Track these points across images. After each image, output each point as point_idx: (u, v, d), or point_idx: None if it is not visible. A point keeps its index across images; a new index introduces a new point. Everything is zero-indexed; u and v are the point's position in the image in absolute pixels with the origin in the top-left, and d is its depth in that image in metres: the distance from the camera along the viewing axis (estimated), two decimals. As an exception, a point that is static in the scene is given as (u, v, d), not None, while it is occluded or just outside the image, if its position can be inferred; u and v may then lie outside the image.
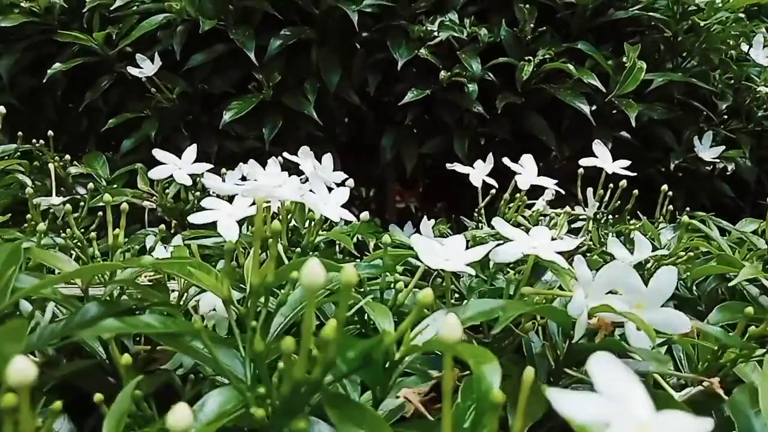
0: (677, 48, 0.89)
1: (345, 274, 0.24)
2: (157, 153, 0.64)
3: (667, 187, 0.95)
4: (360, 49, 0.86)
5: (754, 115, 0.92)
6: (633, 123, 0.77)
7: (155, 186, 0.74)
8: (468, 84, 0.78)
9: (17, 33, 1.01)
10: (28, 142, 0.84)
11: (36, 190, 0.85)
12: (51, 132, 0.85)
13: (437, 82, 0.80)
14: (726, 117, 0.96)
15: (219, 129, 0.88)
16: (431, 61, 0.80)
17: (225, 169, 0.68)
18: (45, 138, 0.84)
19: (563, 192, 0.72)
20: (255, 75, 0.82)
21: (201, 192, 0.73)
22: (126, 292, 0.42)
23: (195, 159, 0.66)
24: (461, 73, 0.79)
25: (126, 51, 0.92)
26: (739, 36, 0.89)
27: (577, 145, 0.84)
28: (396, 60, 0.80)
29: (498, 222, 0.42)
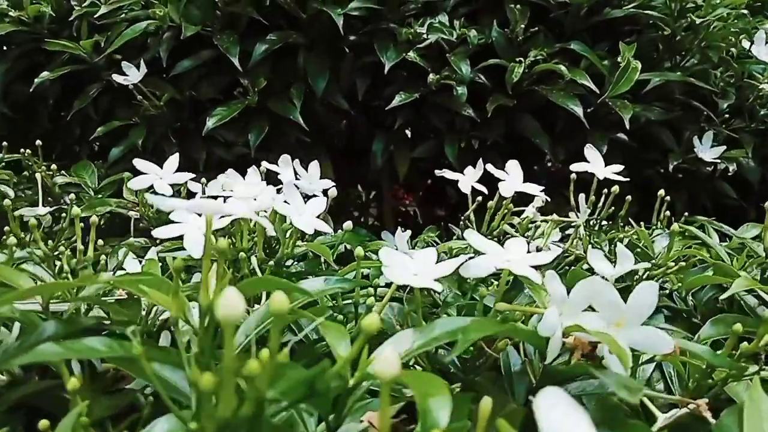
0: (676, 46, 0.86)
1: (274, 303, 0.22)
2: (138, 163, 0.63)
3: (667, 190, 0.93)
4: (349, 53, 0.84)
5: (756, 114, 0.89)
6: (627, 125, 0.74)
7: (138, 195, 0.73)
8: (457, 87, 0.76)
9: (8, 42, 1.01)
10: (20, 151, 0.84)
11: (24, 200, 0.85)
12: (40, 141, 0.84)
13: (427, 85, 0.79)
14: (728, 116, 0.93)
15: (209, 136, 0.87)
16: (420, 65, 0.78)
17: (205, 179, 0.67)
18: (38, 147, 0.84)
19: (562, 196, 0.70)
20: (241, 81, 0.80)
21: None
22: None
23: (178, 168, 0.65)
24: (451, 76, 0.77)
25: (116, 58, 0.91)
26: (740, 33, 0.86)
27: (572, 148, 0.82)
28: (385, 63, 0.78)
29: (470, 234, 0.40)
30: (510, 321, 0.39)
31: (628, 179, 0.64)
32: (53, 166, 0.84)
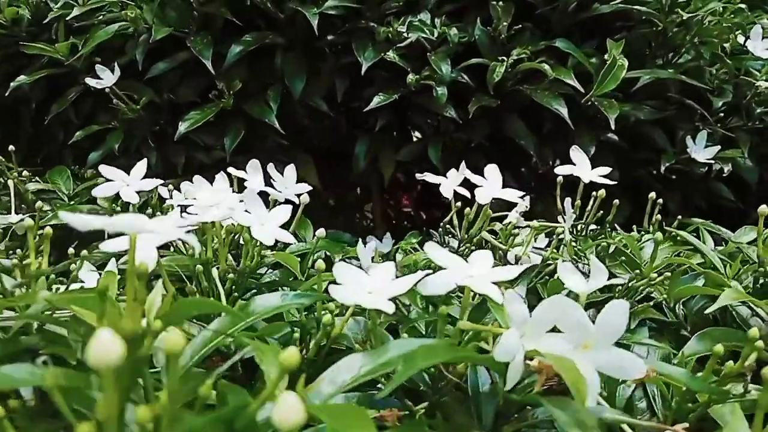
0: (668, 43, 0.83)
1: (168, 341, 0.19)
2: (104, 169, 0.61)
3: (661, 191, 0.89)
4: (329, 54, 0.81)
5: (753, 112, 0.86)
6: (612, 125, 0.71)
7: (116, 202, 0.71)
8: (437, 87, 0.73)
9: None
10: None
11: (0, 207, 0.83)
12: (23, 146, 0.83)
13: (407, 85, 0.76)
14: (725, 114, 0.90)
15: (188, 139, 0.85)
16: (400, 65, 0.75)
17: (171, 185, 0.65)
18: (23, 151, 0.82)
19: (552, 198, 0.67)
20: (216, 83, 0.78)
21: (153, 210, 0.70)
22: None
23: (155, 173, 0.63)
24: (431, 76, 0.74)
25: (96, 61, 0.90)
26: (735, 28, 0.83)
27: (561, 149, 0.79)
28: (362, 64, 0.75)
29: (430, 247, 0.37)
30: (475, 342, 0.37)
31: (615, 182, 0.62)
32: (24, 172, 0.82)
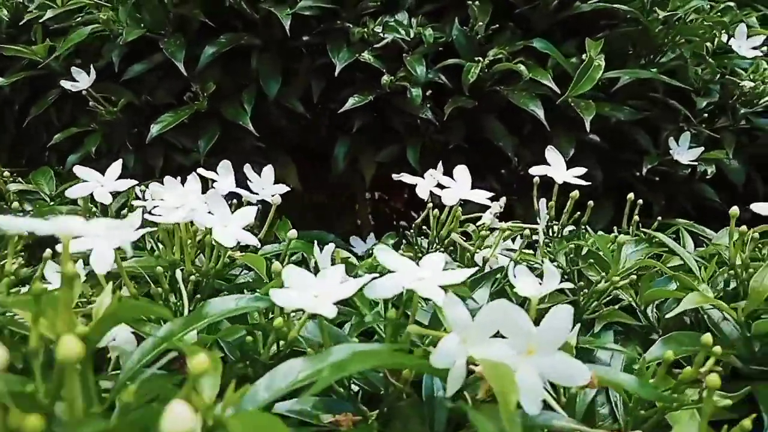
0: (651, 42, 0.81)
1: (61, 349, 0.18)
2: (78, 170, 0.60)
3: (645, 192, 0.88)
4: (305, 55, 0.81)
5: (737, 112, 0.84)
6: (587, 126, 0.70)
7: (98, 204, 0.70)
8: (411, 88, 0.72)
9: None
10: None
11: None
12: (11, 146, 0.83)
13: (382, 87, 0.75)
14: (711, 115, 0.88)
15: (166, 141, 0.85)
16: (375, 66, 0.74)
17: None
18: (7, 152, 0.82)
19: (532, 199, 0.66)
20: (191, 85, 0.78)
21: (129, 209, 0.69)
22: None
23: (133, 174, 0.62)
24: (407, 77, 0.73)
25: (75, 63, 0.89)
26: (716, 26, 0.81)
27: (540, 151, 0.77)
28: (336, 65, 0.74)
29: (379, 250, 0.36)
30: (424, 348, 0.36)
31: (589, 183, 0.60)
32: (6, 172, 0.82)
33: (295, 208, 1.15)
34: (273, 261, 0.62)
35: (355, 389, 0.38)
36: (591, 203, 0.62)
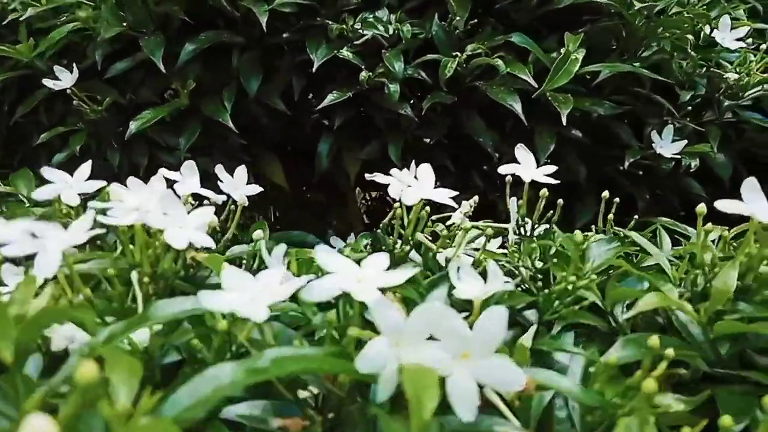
0: (634, 35, 0.80)
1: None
2: (46, 171, 0.61)
3: (629, 188, 0.87)
4: (286, 52, 0.81)
5: (721, 105, 0.83)
6: (564, 121, 0.69)
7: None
8: (389, 84, 0.72)
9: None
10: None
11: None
12: (2, 147, 0.83)
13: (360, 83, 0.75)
14: (697, 108, 0.88)
15: (151, 140, 0.85)
16: (354, 62, 0.74)
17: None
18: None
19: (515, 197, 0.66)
20: (172, 83, 0.78)
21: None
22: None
23: (117, 173, 0.63)
24: (386, 73, 0.73)
25: (62, 63, 0.90)
26: (695, 18, 0.80)
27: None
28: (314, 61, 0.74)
29: (319, 251, 0.36)
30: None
31: (558, 181, 0.60)
32: (-14, 175, 0.83)
33: (291, 207, 1.16)
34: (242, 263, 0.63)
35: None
36: (560, 201, 0.62)
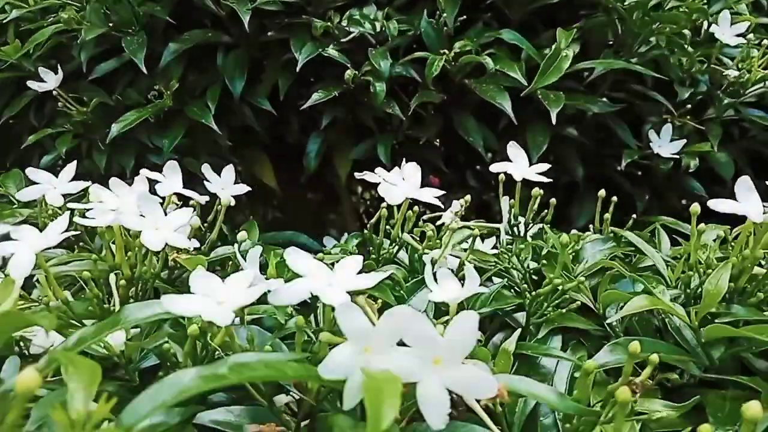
0: (630, 31, 0.78)
1: None
2: (30, 172, 0.60)
3: (628, 187, 0.85)
4: (272, 51, 0.79)
5: (722, 102, 0.81)
6: (554, 119, 0.67)
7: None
8: (375, 83, 0.70)
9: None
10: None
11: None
12: None
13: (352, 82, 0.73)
14: (698, 106, 0.85)
15: (139, 141, 0.84)
16: (339, 61, 0.72)
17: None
18: None
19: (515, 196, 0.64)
20: (156, 83, 0.77)
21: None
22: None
23: (105, 174, 0.62)
24: (372, 72, 0.71)
25: (51, 64, 0.89)
26: (696, 13, 0.77)
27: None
28: (309, 60, 0.73)
29: (289, 253, 0.35)
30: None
31: (551, 180, 0.58)
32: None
33: (290, 207, 1.14)
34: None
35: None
36: (553, 201, 0.60)
